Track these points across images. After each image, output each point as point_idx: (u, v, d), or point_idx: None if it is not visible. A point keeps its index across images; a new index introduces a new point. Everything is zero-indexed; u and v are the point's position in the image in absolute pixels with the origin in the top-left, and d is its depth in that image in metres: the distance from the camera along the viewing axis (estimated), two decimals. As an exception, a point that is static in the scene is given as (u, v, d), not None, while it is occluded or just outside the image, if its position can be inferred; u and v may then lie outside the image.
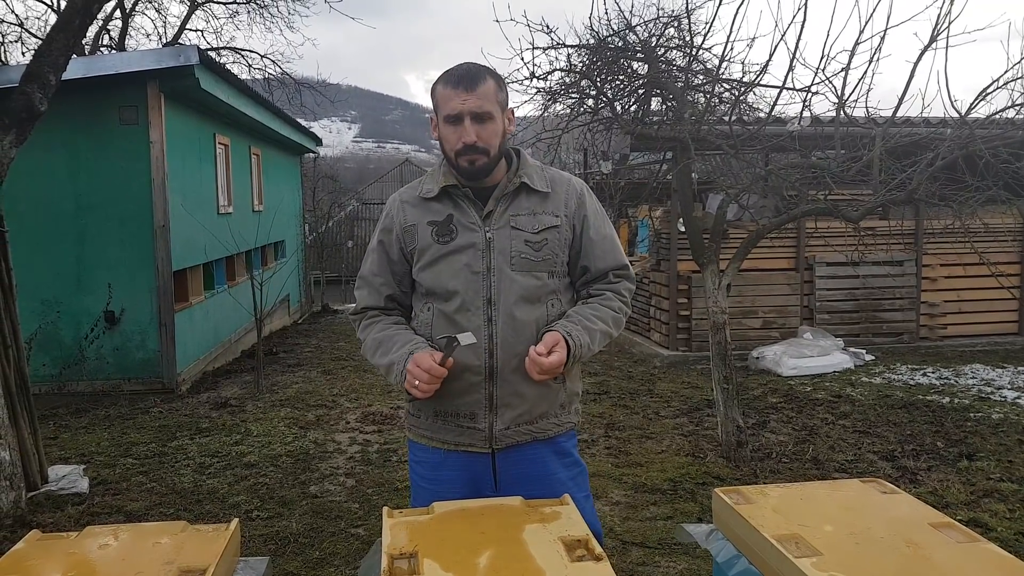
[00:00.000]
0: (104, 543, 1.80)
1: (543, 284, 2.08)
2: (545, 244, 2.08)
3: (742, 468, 5.01)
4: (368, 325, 2.19)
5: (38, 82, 4.27)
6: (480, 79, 2.04)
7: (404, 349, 2.03)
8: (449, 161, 2.09)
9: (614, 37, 5.89)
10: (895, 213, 8.51)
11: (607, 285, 2.17)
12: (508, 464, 2.10)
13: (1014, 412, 6.31)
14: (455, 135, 2.03)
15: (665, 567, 3.66)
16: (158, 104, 7.29)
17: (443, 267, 2.07)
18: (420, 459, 2.19)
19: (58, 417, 6.52)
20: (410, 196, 2.17)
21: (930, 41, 4.32)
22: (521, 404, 2.07)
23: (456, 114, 2.02)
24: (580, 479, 2.19)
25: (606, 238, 2.18)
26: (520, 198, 2.10)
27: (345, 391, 7.48)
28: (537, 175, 2.14)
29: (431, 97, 2.13)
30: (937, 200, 5.07)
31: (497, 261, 2.05)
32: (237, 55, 17.59)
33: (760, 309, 8.98)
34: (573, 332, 2.01)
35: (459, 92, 2.02)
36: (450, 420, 2.10)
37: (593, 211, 2.18)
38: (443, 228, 2.08)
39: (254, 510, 4.44)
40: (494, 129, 2.05)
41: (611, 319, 2.13)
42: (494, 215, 2.08)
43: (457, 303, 2.06)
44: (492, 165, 2.08)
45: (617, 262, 2.18)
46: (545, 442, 2.13)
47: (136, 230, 7.39)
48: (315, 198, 20.25)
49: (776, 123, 5.75)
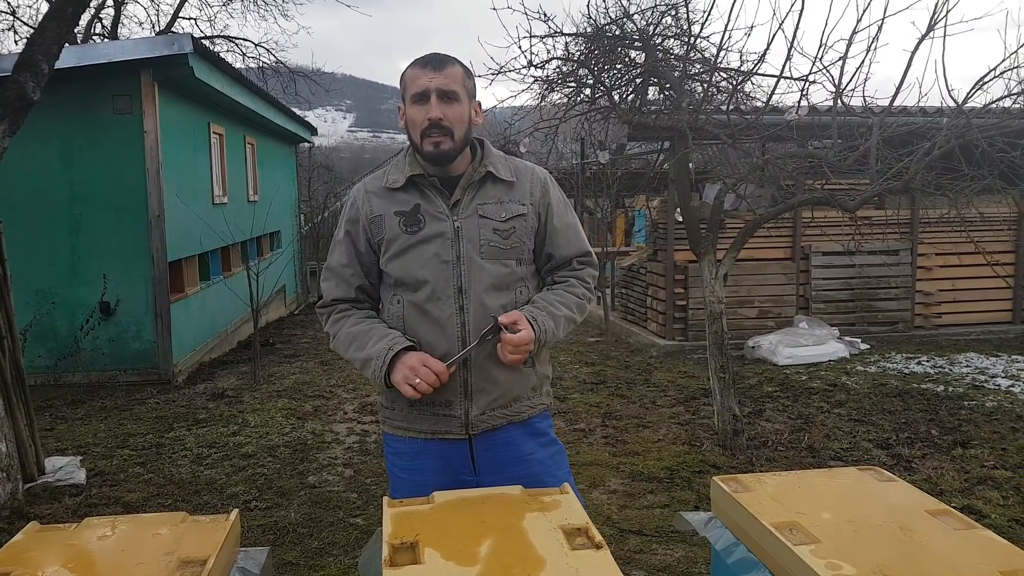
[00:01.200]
0: (103, 534, 1.80)
1: (511, 272, 2.11)
2: (513, 232, 2.10)
3: (738, 456, 5.03)
4: (339, 319, 2.18)
5: (31, 71, 4.24)
6: (448, 62, 2.08)
7: (383, 343, 2.03)
8: (415, 146, 2.10)
9: (612, 25, 5.87)
10: (891, 202, 8.51)
11: (571, 272, 2.21)
12: (485, 448, 2.13)
13: (1008, 400, 6.34)
14: (421, 113, 2.04)
15: (662, 555, 3.67)
16: (152, 93, 7.25)
17: (412, 257, 2.08)
18: (397, 450, 2.20)
19: (54, 408, 6.51)
20: (375, 186, 2.17)
21: (927, 30, 4.32)
22: (495, 389, 2.10)
23: (423, 91, 2.03)
24: (558, 457, 2.22)
25: (569, 226, 2.22)
26: (486, 187, 2.12)
27: (342, 381, 7.48)
28: (502, 164, 2.16)
29: (400, 85, 2.14)
30: (933, 189, 5.08)
31: (466, 250, 2.06)
32: (231, 44, 17.50)
33: (756, 298, 9.00)
34: (538, 317, 2.04)
35: (426, 71, 2.04)
36: (425, 409, 2.11)
37: (557, 199, 2.21)
38: (410, 218, 2.08)
39: (252, 500, 4.45)
40: (460, 111, 2.05)
41: (575, 305, 2.16)
42: (461, 204, 2.09)
43: (427, 292, 2.07)
44: (457, 150, 2.08)
45: (580, 249, 2.22)
46: (520, 424, 2.16)
47: (131, 220, 7.36)
48: (310, 188, 20.19)
49: (773, 112, 5.75)
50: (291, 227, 14.12)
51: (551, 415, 2.29)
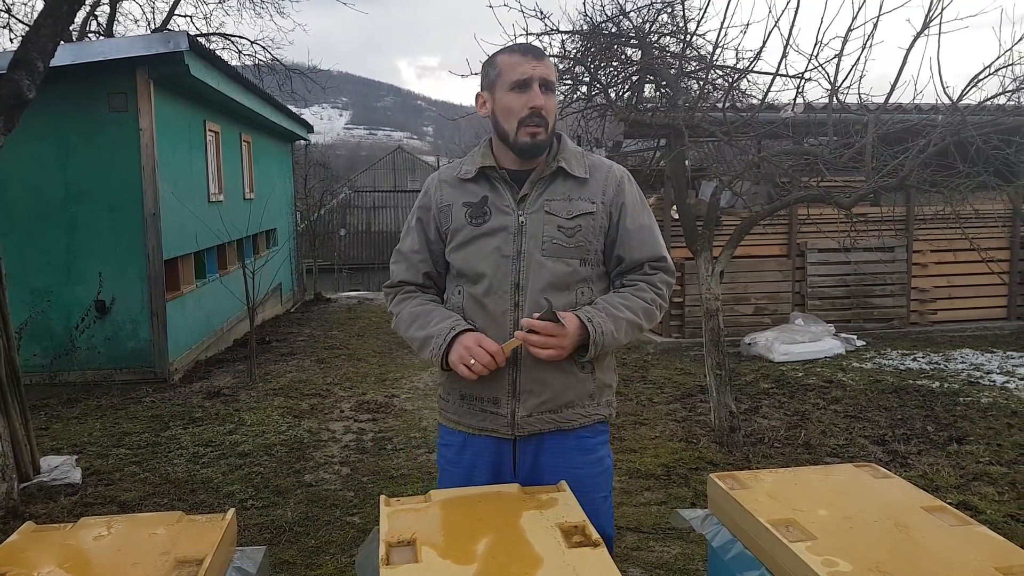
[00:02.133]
0: (99, 534, 1.80)
1: (573, 271, 2.04)
2: (578, 231, 2.04)
3: (735, 453, 5.03)
4: (403, 299, 2.17)
5: (26, 69, 4.23)
6: (545, 54, 2.06)
7: (444, 324, 2.01)
8: (504, 136, 2.05)
9: (608, 23, 5.87)
10: (886, 199, 8.54)
11: (642, 276, 2.11)
12: (528, 452, 2.07)
13: (1003, 396, 6.36)
14: (521, 101, 1.99)
15: (659, 552, 3.68)
16: (147, 91, 7.24)
17: (474, 249, 2.05)
18: (446, 442, 2.19)
19: (49, 407, 6.50)
20: (448, 176, 2.15)
21: (922, 28, 4.32)
22: (544, 391, 2.03)
23: (526, 79, 1.99)
24: (601, 478, 2.13)
25: (643, 228, 2.11)
26: (556, 183, 2.07)
27: (339, 380, 7.47)
28: (576, 160, 2.10)
29: (486, 71, 2.10)
30: (928, 186, 5.09)
31: (528, 246, 2.02)
32: (227, 41, 17.46)
33: (752, 295, 9.01)
34: (595, 318, 1.96)
35: (528, 59, 2.01)
36: (475, 404, 2.08)
37: (632, 200, 2.12)
38: (477, 210, 2.06)
39: (249, 499, 4.44)
40: (553, 104, 2.04)
41: (641, 310, 2.05)
42: (529, 199, 2.05)
43: (485, 286, 2.04)
44: (548, 142, 2.06)
45: (654, 253, 2.11)
46: (569, 433, 2.08)
47: (126, 218, 7.35)
48: (307, 186, 20.17)
49: (769, 110, 5.75)
50: (287, 225, 14.10)
51: (609, 426, 2.19)
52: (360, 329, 10.89)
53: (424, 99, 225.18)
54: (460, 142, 20.79)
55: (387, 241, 30.33)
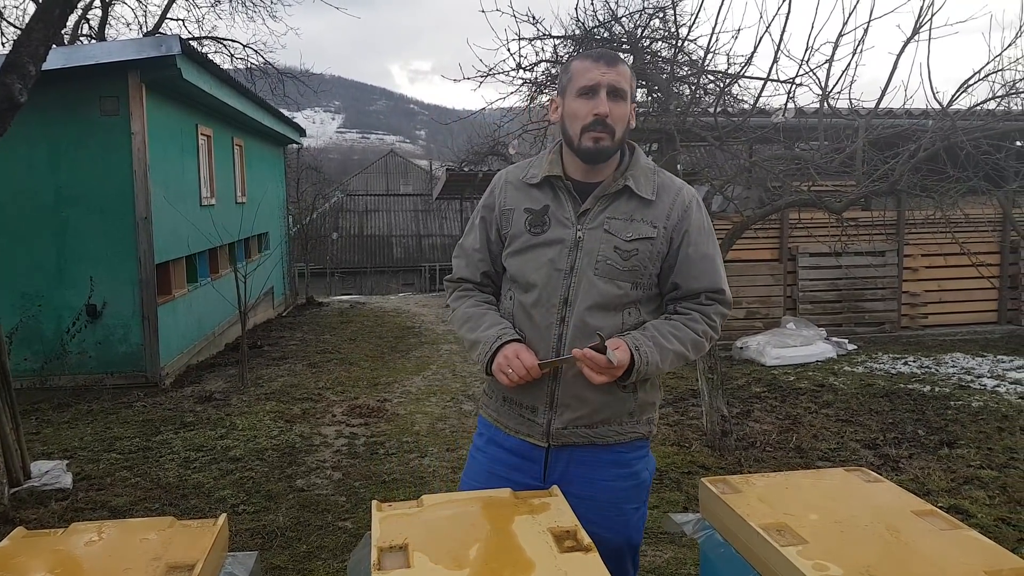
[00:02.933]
0: (90, 539, 1.79)
1: (624, 294, 2.00)
2: (635, 254, 1.99)
3: (727, 457, 5.05)
4: (461, 296, 2.17)
5: (18, 72, 4.21)
6: (620, 60, 2.01)
7: (492, 331, 2.02)
8: (570, 141, 2.01)
9: (600, 28, 5.89)
10: (877, 204, 8.58)
11: (697, 306, 2.05)
12: (560, 462, 2.06)
13: (993, 400, 6.39)
14: (587, 107, 1.96)
15: (652, 556, 3.68)
16: (139, 95, 7.22)
17: (529, 258, 2.03)
18: (483, 432, 2.19)
19: (40, 412, 6.46)
20: (515, 177, 2.12)
21: (912, 33, 4.36)
22: (581, 407, 2.01)
23: (593, 84, 1.96)
24: (634, 491, 2.11)
25: (706, 257, 2.05)
26: (620, 201, 2.02)
27: (331, 384, 7.46)
28: (645, 179, 2.04)
29: (562, 76, 2.08)
30: (919, 191, 5.12)
31: (582, 262, 1.99)
32: (219, 45, 17.42)
33: (744, 299, 9.04)
34: (642, 346, 1.94)
35: (599, 65, 1.97)
36: (514, 408, 2.09)
37: (697, 227, 2.05)
38: (537, 218, 2.04)
39: (240, 504, 4.43)
40: (624, 111, 1.99)
41: (690, 341, 2.01)
42: (590, 214, 2.01)
43: (534, 297, 2.02)
44: (613, 151, 2.01)
45: (713, 285, 2.05)
46: (603, 448, 2.05)
47: (118, 222, 7.32)
48: (299, 189, 20.13)
49: (760, 115, 5.78)
50: (279, 229, 14.08)
51: (648, 444, 2.16)
52: (352, 333, 10.88)
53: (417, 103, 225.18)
54: (452, 146, 20.79)
55: (379, 245, 30.32)
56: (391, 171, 38.96)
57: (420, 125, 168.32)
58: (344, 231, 30.06)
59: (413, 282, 27.56)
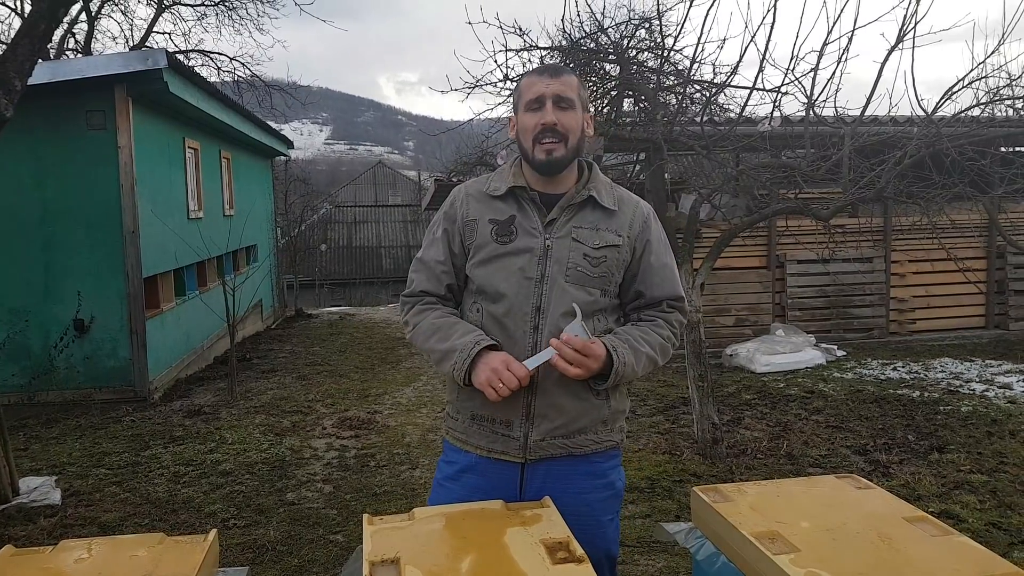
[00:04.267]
0: (80, 557, 1.78)
1: (594, 300, 2.04)
2: (603, 261, 2.05)
3: (718, 465, 5.05)
4: (424, 310, 2.13)
5: (3, 88, 4.20)
6: (564, 71, 2.08)
7: (468, 338, 1.98)
8: (525, 155, 2.07)
9: (586, 39, 5.92)
10: (864, 211, 8.63)
11: (660, 313, 2.12)
12: (537, 477, 2.05)
13: (982, 405, 6.43)
14: (534, 119, 2.02)
15: (644, 565, 3.68)
16: (126, 109, 7.20)
17: (497, 267, 2.04)
18: (449, 459, 2.16)
19: (28, 428, 6.41)
20: (476, 190, 2.13)
21: (897, 41, 4.40)
22: (559, 416, 2.02)
23: (538, 96, 2.02)
24: (610, 502, 2.12)
25: (666, 266, 2.14)
26: (585, 211, 2.07)
27: (321, 396, 7.43)
28: (606, 191, 2.10)
29: (514, 95, 2.14)
30: (905, 198, 5.16)
31: (552, 270, 2.02)
32: (206, 58, 17.42)
33: (733, 307, 9.06)
34: (618, 348, 1.97)
35: (543, 78, 2.04)
36: (485, 425, 2.06)
37: (657, 238, 2.14)
38: (503, 228, 2.05)
39: (231, 519, 4.40)
40: (574, 119, 2.03)
41: (658, 346, 2.07)
42: (556, 223, 2.04)
43: (505, 306, 2.02)
44: (568, 159, 2.05)
45: (673, 292, 2.14)
46: (580, 458, 2.07)
47: (105, 236, 7.29)
48: (287, 201, 20.10)
49: (747, 123, 5.81)
50: (267, 241, 14.04)
51: (620, 453, 2.19)
52: (342, 345, 10.84)
53: (404, 114, 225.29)
54: (441, 156, 20.81)
55: (368, 256, 30.25)
56: (379, 182, 38.94)
57: (408, 136, 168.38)
58: (333, 243, 29.99)
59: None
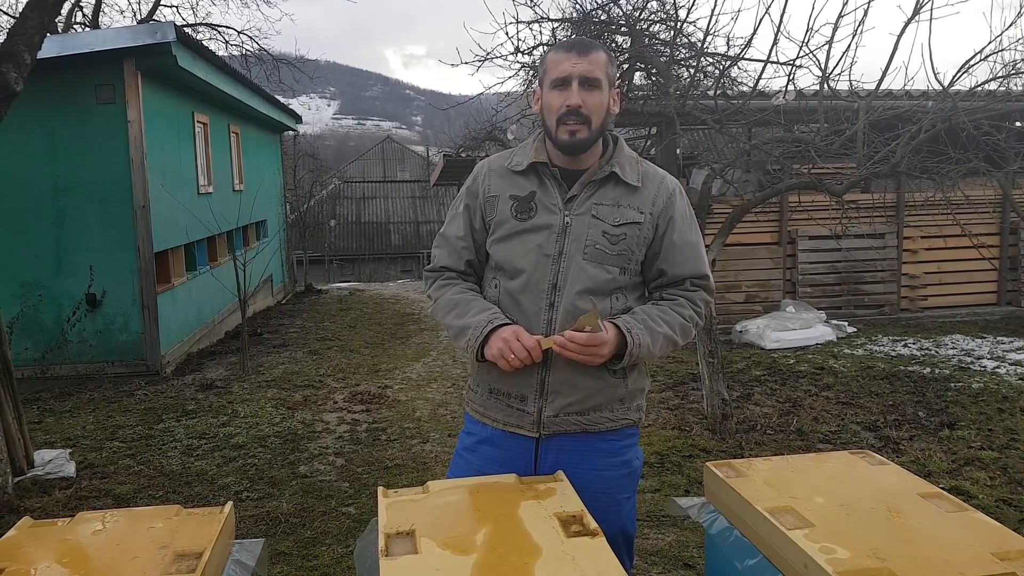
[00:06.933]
0: (97, 529, 1.79)
1: (612, 279, 2.02)
2: (623, 239, 2.01)
3: (727, 440, 5.06)
4: (444, 285, 2.14)
5: (13, 61, 4.19)
6: (593, 47, 2.01)
7: (482, 316, 1.99)
8: (548, 133, 2.03)
9: (598, 11, 5.85)
10: (877, 186, 8.56)
11: (683, 291, 2.08)
12: (551, 452, 2.04)
13: (993, 382, 6.41)
14: (560, 99, 1.97)
15: (654, 539, 3.70)
16: (135, 82, 7.18)
17: (516, 244, 2.03)
18: (468, 431, 2.18)
19: (42, 401, 6.47)
20: (498, 165, 2.12)
21: (913, 13, 4.33)
22: (572, 393, 2.01)
23: (564, 76, 1.97)
24: (626, 480, 2.10)
25: (689, 244, 2.08)
26: (607, 187, 2.04)
27: (332, 371, 7.46)
28: (630, 166, 2.06)
29: (539, 67, 2.09)
30: (919, 172, 5.11)
31: (570, 247, 2.00)
32: (214, 31, 17.30)
33: (744, 283, 9.03)
34: (633, 328, 1.95)
35: (570, 56, 1.97)
36: (502, 399, 2.07)
37: (681, 214, 2.08)
38: (523, 204, 2.04)
39: (244, 491, 4.44)
40: (600, 100, 1.98)
41: (679, 326, 2.03)
42: (577, 200, 2.02)
43: (522, 282, 2.02)
44: (592, 140, 2.00)
45: (697, 271, 2.09)
46: (595, 436, 2.05)
47: (116, 211, 7.30)
48: (296, 176, 20.08)
49: (760, 97, 5.75)
50: (277, 216, 14.05)
51: (639, 431, 2.16)
52: (352, 320, 10.88)
53: (412, 88, 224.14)
54: (449, 131, 20.72)
55: (377, 232, 30.27)
56: (388, 158, 38.85)
57: (416, 111, 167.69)
58: (342, 218, 30.00)
59: (411, 269, 27.55)
